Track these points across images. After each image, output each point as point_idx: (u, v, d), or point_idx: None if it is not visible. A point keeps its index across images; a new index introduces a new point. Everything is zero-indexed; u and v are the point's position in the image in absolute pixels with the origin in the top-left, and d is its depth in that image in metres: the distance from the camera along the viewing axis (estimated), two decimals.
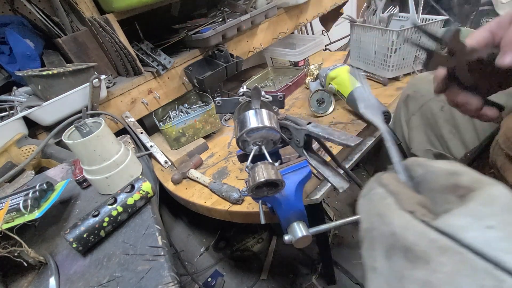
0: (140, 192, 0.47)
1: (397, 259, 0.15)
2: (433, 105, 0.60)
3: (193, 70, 1.01)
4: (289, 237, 0.41)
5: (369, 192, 0.20)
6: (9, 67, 0.79)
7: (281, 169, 0.43)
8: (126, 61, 0.88)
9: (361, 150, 0.76)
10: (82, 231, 0.42)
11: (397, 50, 0.86)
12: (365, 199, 0.20)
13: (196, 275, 1.08)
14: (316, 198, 0.64)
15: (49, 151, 0.69)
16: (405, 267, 0.15)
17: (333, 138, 0.41)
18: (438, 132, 0.60)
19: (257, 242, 1.13)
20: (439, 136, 0.60)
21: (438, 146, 0.61)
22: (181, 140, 0.91)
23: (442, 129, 0.59)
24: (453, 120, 0.56)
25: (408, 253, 0.15)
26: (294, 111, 0.98)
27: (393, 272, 0.16)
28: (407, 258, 0.15)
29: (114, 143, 0.52)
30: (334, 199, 1.24)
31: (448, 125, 0.58)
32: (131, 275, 0.38)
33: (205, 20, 1.03)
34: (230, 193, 0.68)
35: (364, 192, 0.21)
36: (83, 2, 0.82)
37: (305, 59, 1.27)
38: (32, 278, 0.42)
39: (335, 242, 1.06)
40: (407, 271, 0.15)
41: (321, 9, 1.39)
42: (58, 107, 0.73)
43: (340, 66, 0.87)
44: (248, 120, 0.43)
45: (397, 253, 0.15)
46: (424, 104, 0.62)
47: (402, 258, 0.15)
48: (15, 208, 0.44)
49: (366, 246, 0.18)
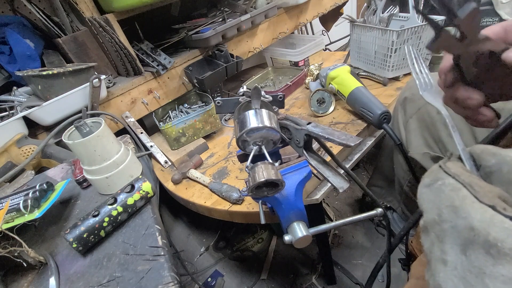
0: (140, 192, 0.47)
1: (476, 255, 0.15)
2: (430, 108, 0.60)
3: (193, 70, 1.01)
4: (289, 237, 0.41)
5: (436, 182, 0.19)
6: (9, 67, 0.79)
7: (281, 169, 0.43)
8: (126, 61, 0.88)
9: (361, 150, 0.76)
10: (82, 231, 0.42)
11: (397, 50, 0.86)
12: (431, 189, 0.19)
13: (196, 275, 1.08)
14: (316, 198, 0.64)
15: (49, 151, 0.69)
16: (487, 263, 0.15)
17: (333, 138, 0.41)
18: (436, 135, 0.59)
19: (257, 242, 1.13)
20: (437, 139, 0.59)
21: (436, 149, 0.60)
22: (181, 140, 0.91)
23: (440, 132, 0.58)
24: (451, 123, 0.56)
25: (492, 249, 0.14)
26: (294, 111, 0.98)
27: (471, 267, 0.15)
28: (490, 254, 0.15)
29: (114, 143, 0.52)
30: (334, 199, 1.24)
31: (446, 128, 0.57)
32: (131, 275, 0.38)
33: (205, 20, 1.03)
34: (230, 193, 0.68)
35: (428, 181, 0.20)
36: (83, 2, 0.82)
37: (305, 59, 1.27)
38: (32, 278, 0.42)
39: (335, 242, 1.06)
40: (489, 267, 0.14)
41: (321, 9, 1.39)
42: (58, 107, 0.73)
43: (341, 66, 0.87)
44: (248, 120, 0.43)
45: (477, 249, 0.15)
46: (422, 107, 0.62)
47: (484, 254, 0.15)
48: (15, 208, 0.44)
49: (433, 238, 0.18)
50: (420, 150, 0.63)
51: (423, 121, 0.62)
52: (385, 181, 0.87)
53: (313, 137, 0.46)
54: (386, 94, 0.89)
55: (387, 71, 0.92)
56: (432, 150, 0.61)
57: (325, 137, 0.42)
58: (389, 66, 0.90)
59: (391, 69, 0.91)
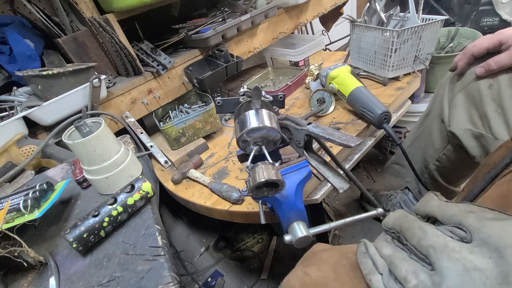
0: (140, 192, 0.47)
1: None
2: (481, 83, 0.59)
3: (193, 70, 1.01)
4: (289, 237, 0.41)
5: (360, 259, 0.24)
6: (9, 67, 0.79)
7: (281, 169, 0.43)
8: (126, 61, 0.88)
9: (361, 150, 0.76)
10: (82, 231, 0.42)
11: (397, 50, 0.86)
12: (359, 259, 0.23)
13: (196, 275, 1.08)
14: (316, 198, 0.64)
15: (49, 151, 0.69)
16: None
17: (333, 139, 0.41)
18: (482, 111, 0.59)
19: (257, 242, 1.13)
20: (483, 115, 0.59)
21: (480, 126, 0.59)
22: (181, 140, 0.91)
23: (487, 107, 0.57)
24: (500, 99, 0.55)
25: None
26: (294, 111, 0.98)
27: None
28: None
29: (114, 143, 0.52)
30: (334, 199, 1.24)
31: (494, 103, 0.57)
32: (131, 275, 0.38)
33: (205, 20, 1.03)
34: (230, 193, 0.68)
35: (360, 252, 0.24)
36: (83, 2, 0.82)
37: (305, 59, 1.27)
38: (32, 278, 0.42)
39: (335, 242, 1.06)
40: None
41: (321, 9, 1.39)
42: (58, 107, 0.73)
43: (341, 66, 0.87)
44: (249, 120, 0.43)
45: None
46: (472, 81, 0.61)
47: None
48: (15, 208, 0.44)
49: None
50: (462, 125, 0.63)
51: (470, 97, 0.61)
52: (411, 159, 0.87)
53: (313, 137, 0.46)
54: (386, 94, 0.89)
55: (387, 71, 0.92)
56: (476, 127, 0.60)
57: (326, 137, 0.42)
58: (389, 66, 0.90)
59: (391, 69, 0.91)
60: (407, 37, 0.84)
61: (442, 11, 1.40)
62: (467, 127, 0.62)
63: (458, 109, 0.64)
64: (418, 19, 0.89)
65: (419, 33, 0.84)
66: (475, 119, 0.61)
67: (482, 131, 0.59)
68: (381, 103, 0.74)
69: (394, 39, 0.83)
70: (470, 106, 0.62)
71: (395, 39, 0.83)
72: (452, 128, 0.65)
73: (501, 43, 0.54)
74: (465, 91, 0.63)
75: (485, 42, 0.56)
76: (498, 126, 0.56)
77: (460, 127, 0.63)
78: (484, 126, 0.59)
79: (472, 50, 0.58)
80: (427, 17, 0.88)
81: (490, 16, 1.32)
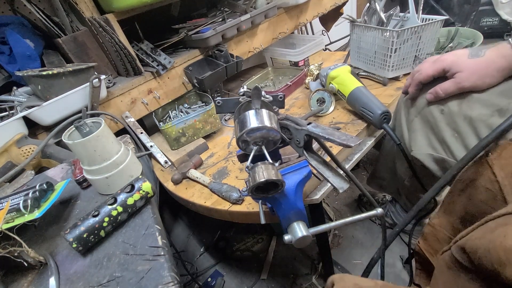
0: (140, 192, 0.47)
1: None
2: (433, 108, 0.59)
3: (193, 70, 1.01)
4: (289, 237, 0.41)
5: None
6: (9, 67, 0.79)
7: (281, 169, 0.43)
8: (126, 61, 0.88)
9: (361, 150, 0.76)
10: (82, 231, 0.42)
11: (397, 50, 0.86)
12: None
13: (196, 275, 1.08)
14: (316, 198, 0.64)
15: (49, 151, 0.69)
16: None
17: (333, 139, 0.41)
18: (440, 135, 0.59)
19: (257, 242, 1.13)
20: (441, 140, 0.59)
21: (440, 151, 0.60)
22: (181, 140, 0.91)
23: (443, 132, 0.58)
24: (454, 124, 0.56)
25: None
26: (294, 111, 0.98)
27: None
28: None
29: (114, 143, 0.52)
30: (334, 199, 1.24)
31: (449, 129, 0.57)
32: (131, 275, 0.38)
33: (205, 20, 1.03)
34: (230, 193, 0.68)
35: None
36: (83, 2, 0.82)
37: (305, 59, 1.27)
38: (32, 278, 0.42)
39: (335, 242, 1.06)
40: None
41: (321, 9, 1.39)
42: (58, 107, 0.73)
43: (341, 66, 0.87)
44: (248, 120, 0.43)
45: None
46: (425, 107, 0.62)
47: None
48: (15, 208, 0.44)
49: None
50: (424, 150, 0.63)
51: (427, 122, 0.62)
52: (388, 173, 0.87)
53: (313, 137, 0.46)
54: (386, 94, 0.89)
55: (387, 71, 0.92)
56: (436, 151, 0.60)
57: (325, 137, 0.42)
58: (389, 66, 0.90)
59: (391, 69, 0.91)
60: (407, 37, 0.84)
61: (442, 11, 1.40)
62: (428, 151, 0.62)
63: (417, 134, 0.64)
64: (418, 19, 0.89)
65: (419, 33, 0.84)
66: (434, 144, 0.61)
67: (444, 156, 0.59)
68: (381, 103, 0.74)
69: (394, 39, 0.83)
70: (428, 131, 0.62)
71: (395, 39, 0.83)
72: (414, 153, 0.65)
73: (444, 70, 0.55)
74: (421, 116, 0.63)
75: (429, 69, 0.57)
76: (459, 151, 0.56)
77: (421, 152, 0.63)
78: (445, 151, 0.59)
79: (419, 78, 0.59)
80: (427, 17, 0.88)
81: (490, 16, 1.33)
